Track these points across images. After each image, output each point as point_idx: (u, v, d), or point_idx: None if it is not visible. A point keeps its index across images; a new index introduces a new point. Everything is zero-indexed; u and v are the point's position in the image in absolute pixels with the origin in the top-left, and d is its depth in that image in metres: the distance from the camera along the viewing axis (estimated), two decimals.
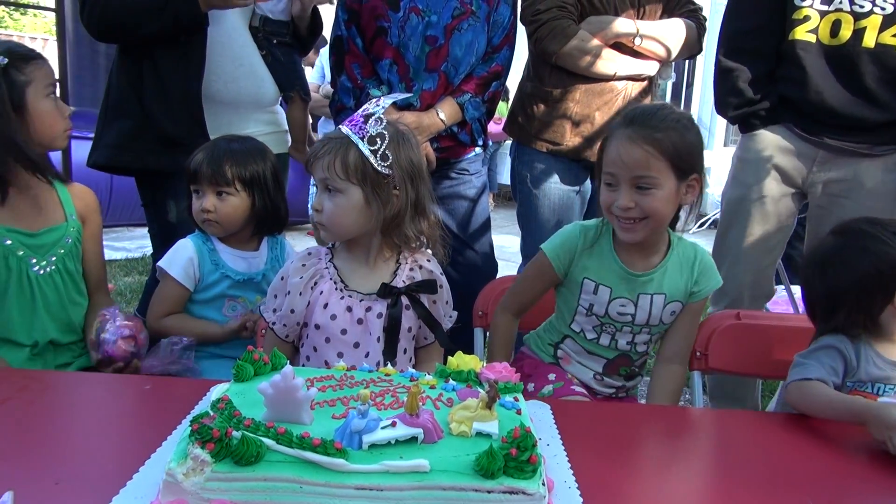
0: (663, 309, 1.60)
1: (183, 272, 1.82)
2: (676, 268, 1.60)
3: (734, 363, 1.73)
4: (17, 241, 1.64)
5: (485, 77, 2.27)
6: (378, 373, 1.17)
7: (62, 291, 1.72)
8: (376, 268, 1.52)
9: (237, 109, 2.27)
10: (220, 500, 0.85)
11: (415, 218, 1.48)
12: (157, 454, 1.02)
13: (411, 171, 1.45)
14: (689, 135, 1.50)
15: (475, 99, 2.25)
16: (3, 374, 1.46)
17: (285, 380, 0.93)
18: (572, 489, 0.99)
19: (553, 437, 1.16)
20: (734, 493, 1.05)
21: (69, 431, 1.16)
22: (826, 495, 1.08)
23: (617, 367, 1.67)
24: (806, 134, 2.18)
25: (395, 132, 1.45)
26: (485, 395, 0.96)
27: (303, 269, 1.51)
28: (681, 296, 1.60)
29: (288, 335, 1.54)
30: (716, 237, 2.41)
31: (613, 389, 1.70)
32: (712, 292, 1.62)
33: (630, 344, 1.64)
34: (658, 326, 1.62)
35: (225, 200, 1.81)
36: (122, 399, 1.31)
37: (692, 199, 1.55)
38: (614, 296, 1.59)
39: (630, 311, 1.59)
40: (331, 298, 1.49)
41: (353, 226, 1.46)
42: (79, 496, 0.91)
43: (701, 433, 1.37)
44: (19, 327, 1.66)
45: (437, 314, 1.53)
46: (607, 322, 1.61)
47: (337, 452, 0.86)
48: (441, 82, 2.23)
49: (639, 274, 1.58)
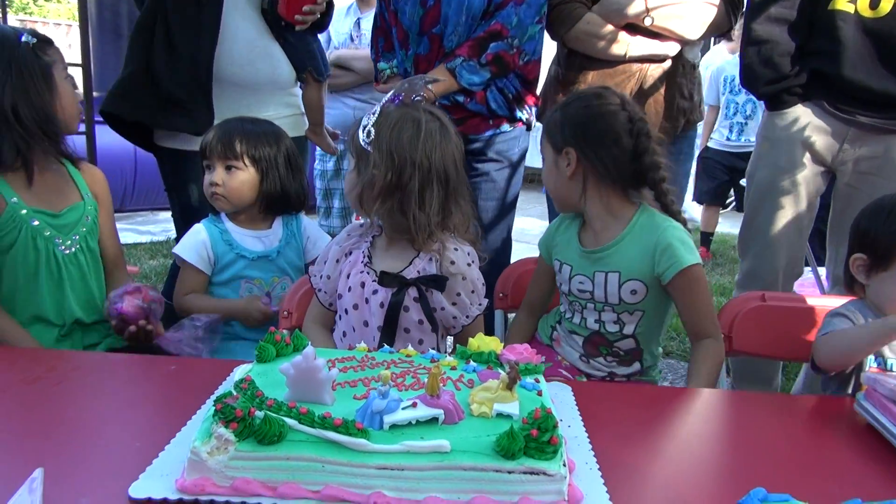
0: (620, 287, 1.58)
1: (197, 256, 1.85)
2: (634, 245, 1.58)
3: (759, 345, 1.71)
4: (44, 222, 1.67)
5: (480, 38, 2.10)
6: (399, 354, 1.17)
7: (86, 270, 1.75)
8: (396, 253, 1.52)
9: (255, 93, 2.27)
10: (243, 477, 0.87)
11: (403, 206, 1.44)
12: (182, 433, 1.03)
13: (395, 158, 1.41)
14: (567, 109, 1.61)
15: (468, 62, 2.09)
16: (32, 354, 1.49)
17: (307, 361, 0.94)
18: (593, 470, 0.98)
19: (574, 418, 1.16)
20: (756, 475, 1.04)
21: (96, 410, 1.18)
22: (852, 480, 1.06)
23: (596, 346, 1.67)
24: (838, 112, 2.12)
25: (400, 115, 1.43)
26: (505, 377, 0.96)
27: (346, 237, 1.58)
28: (641, 275, 1.57)
29: (331, 303, 1.58)
30: (743, 220, 2.36)
31: (605, 373, 1.68)
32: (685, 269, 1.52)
33: (598, 322, 1.64)
34: (621, 305, 1.60)
35: (233, 175, 1.82)
36: (148, 379, 1.33)
37: (571, 170, 1.59)
38: (574, 273, 1.63)
39: (588, 288, 1.61)
40: (353, 269, 1.51)
41: (350, 196, 1.54)
42: (105, 473, 0.93)
43: (724, 415, 1.36)
44: (50, 307, 1.69)
45: (461, 303, 1.53)
46: (573, 300, 1.66)
47: (358, 432, 0.87)
48: (434, 46, 2.15)
49: (591, 251, 1.61)
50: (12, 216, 1.62)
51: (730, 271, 5.61)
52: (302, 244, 1.96)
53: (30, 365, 1.32)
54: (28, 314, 1.68)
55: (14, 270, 1.65)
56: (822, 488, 1.02)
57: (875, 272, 1.45)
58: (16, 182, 1.64)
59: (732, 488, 0.87)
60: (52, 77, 1.67)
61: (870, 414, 1.20)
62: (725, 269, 5.74)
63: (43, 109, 1.63)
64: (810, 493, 0.81)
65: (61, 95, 1.69)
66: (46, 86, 1.65)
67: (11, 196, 1.63)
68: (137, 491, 0.87)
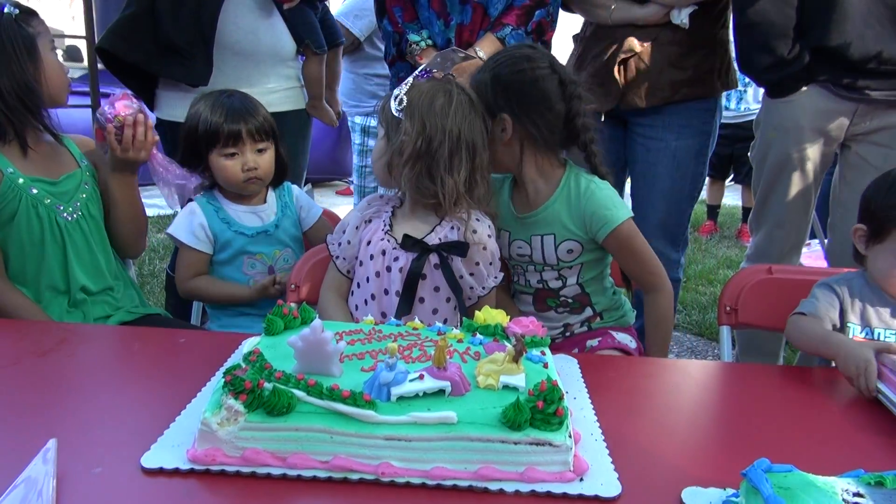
0: (556, 248, 1.62)
1: (193, 237, 1.82)
2: (563, 207, 1.60)
3: (765, 318, 1.71)
4: (43, 190, 1.68)
5: (527, 6, 2.09)
6: (406, 327, 1.18)
7: (89, 237, 1.76)
8: (418, 222, 1.54)
9: (256, 64, 2.25)
10: (253, 448, 0.88)
11: (431, 172, 1.46)
12: (193, 405, 1.05)
13: (427, 125, 1.44)
14: (497, 73, 1.57)
15: (517, 31, 2.08)
16: (43, 327, 1.50)
17: (315, 333, 0.94)
18: (598, 441, 1.00)
19: (580, 390, 1.17)
20: (760, 446, 1.05)
21: (108, 382, 1.20)
22: (855, 450, 1.07)
23: (544, 300, 1.70)
24: (845, 91, 2.05)
25: (431, 86, 1.48)
26: (511, 349, 0.97)
27: (367, 206, 1.61)
28: (574, 236, 1.60)
29: (348, 270, 1.61)
30: (756, 204, 2.35)
31: (561, 326, 1.71)
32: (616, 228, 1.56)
33: (541, 282, 1.68)
34: (559, 264, 1.64)
35: (263, 155, 1.81)
36: (158, 352, 1.34)
37: (507, 136, 1.57)
38: (512, 238, 1.66)
39: (526, 252, 1.65)
40: (374, 236, 1.54)
41: (377, 167, 1.56)
42: (118, 444, 0.95)
43: (728, 387, 1.37)
44: (57, 275, 1.71)
45: (479, 274, 1.54)
46: (514, 263, 1.70)
47: (366, 404, 0.88)
48: (477, 15, 2.11)
49: (526, 215, 1.63)
50: (10, 186, 1.63)
51: (736, 244, 5.59)
52: (297, 214, 1.95)
53: (41, 337, 1.34)
54: (38, 283, 1.70)
55: (20, 241, 1.67)
56: (826, 459, 1.03)
57: (872, 244, 1.44)
58: (10, 153, 1.65)
59: (736, 459, 0.88)
60: (36, 49, 1.65)
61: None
62: (732, 241, 5.73)
63: (25, 82, 1.62)
64: (814, 464, 0.82)
65: (46, 68, 1.68)
66: (30, 58, 1.64)
67: (7, 166, 1.64)
68: (149, 461, 0.89)
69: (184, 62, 2.12)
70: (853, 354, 1.26)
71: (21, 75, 1.62)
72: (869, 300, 1.43)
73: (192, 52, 2.12)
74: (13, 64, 1.60)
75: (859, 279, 1.47)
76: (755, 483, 0.76)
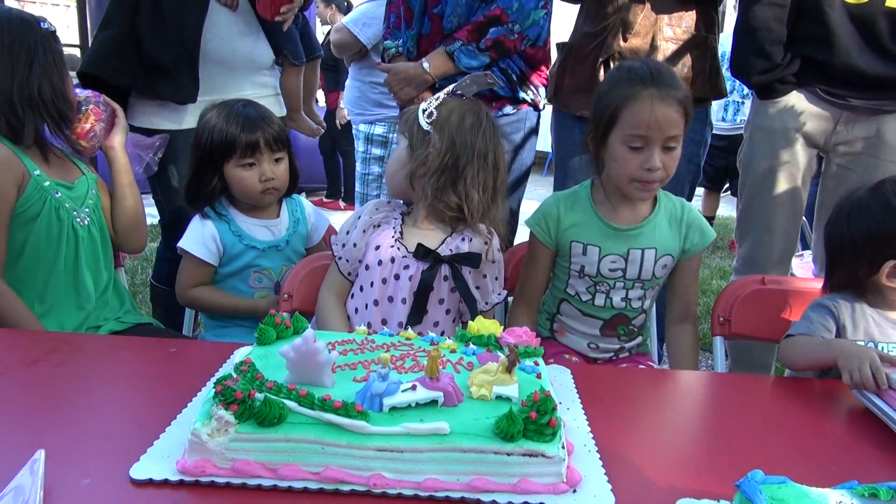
0: (655, 263, 1.60)
1: (206, 250, 1.80)
2: (665, 222, 1.61)
3: (758, 328, 1.71)
4: (64, 195, 1.72)
5: (479, 22, 2.07)
6: (398, 337, 1.18)
7: (97, 241, 1.79)
8: (428, 231, 1.55)
9: (233, 71, 2.24)
10: (244, 459, 0.87)
11: (456, 185, 1.49)
12: (183, 415, 1.04)
13: (456, 141, 1.48)
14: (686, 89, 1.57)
15: (467, 46, 2.08)
16: (32, 336, 1.49)
17: (307, 343, 0.94)
18: (592, 452, 0.99)
19: (573, 401, 1.16)
20: (754, 458, 1.04)
21: (97, 392, 1.19)
22: (849, 462, 1.07)
23: (614, 327, 1.68)
24: (830, 97, 2.13)
25: (460, 104, 1.51)
26: (505, 360, 0.97)
27: (376, 210, 1.60)
28: (672, 250, 1.61)
29: (350, 272, 1.60)
30: (741, 208, 2.36)
31: (611, 353, 1.70)
32: (704, 247, 1.64)
33: (625, 300, 1.65)
34: (651, 281, 1.63)
35: (279, 164, 1.80)
36: (148, 361, 1.33)
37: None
38: (604, 253, 1.60)
39: (621, 266, 1.60)
40: (384, 241, 1.54)
41: (395, 177, 1.56)
42: (107, 455, 0.93)
43: (722, 398, 1.36)
44: (69, 279, 1.73)
45: (485, 288, 1.55)
46: (600, 280, 1.62)
47: (358, 414, 0.87)
48: (436, 27, 2.13)
49: (626, 228, 1.60)
50: (37, 187, 1.66)
51: (730, 255, 5.61)
52: (307, 230, 1.93)
53: (30, 347, 1.32)
54: (46, 285, 1.71)
55: (37, 241, 1.68)
56: (820, 470, 1.03)
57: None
58: (34, 157, 1.70)
59: (730, 470, 0.87)
60: (65, 64, 1.73)
61: (867, 398, 1.20)
62: (725, 252, 5.74)
63: (63, 93, 1.71)
64: (808, 476, 0.81)
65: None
66: (64, 71, 1.72)
67: (34, 169, 1.67)
68: (138, 472, 0.88)
69: (170, 80, 2.10)
70: (856, 350, 1.27)
71: (60, 86, 1.70)
72: (871, 314, 1.43)
73: (178, 70, 2.11)
74: (54, 76, 1.68)
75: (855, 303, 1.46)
76: (749, 495, 0.75)
